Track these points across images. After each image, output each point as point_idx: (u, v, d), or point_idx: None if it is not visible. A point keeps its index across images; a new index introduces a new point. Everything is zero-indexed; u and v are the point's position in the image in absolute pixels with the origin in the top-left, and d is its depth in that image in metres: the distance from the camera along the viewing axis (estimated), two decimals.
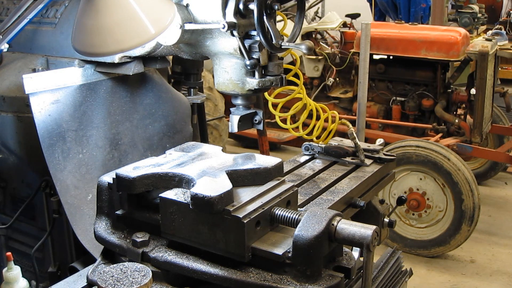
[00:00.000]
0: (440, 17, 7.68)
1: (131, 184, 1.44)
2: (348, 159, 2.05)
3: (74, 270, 2.04)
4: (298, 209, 1.51)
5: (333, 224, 1.30)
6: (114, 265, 1.28)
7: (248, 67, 1.55)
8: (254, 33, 1.55)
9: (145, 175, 1.46)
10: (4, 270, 1.97)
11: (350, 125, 2.09)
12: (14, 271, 1.96)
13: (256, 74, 1.57)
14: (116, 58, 2.00)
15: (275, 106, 2.17)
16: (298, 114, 2.20)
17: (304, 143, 2.16)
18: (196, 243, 1.38)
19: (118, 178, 1.47)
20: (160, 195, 1.41)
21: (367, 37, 3.40)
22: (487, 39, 5.27)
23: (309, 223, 1.28)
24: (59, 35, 2.16)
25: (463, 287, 4.12)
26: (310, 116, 2.22)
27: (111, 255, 1.56)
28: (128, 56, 2.02)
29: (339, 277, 1.30)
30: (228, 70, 1.61)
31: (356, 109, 3.89)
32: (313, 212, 1.31)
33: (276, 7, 1.51)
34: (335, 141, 2.18)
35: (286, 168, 1.99)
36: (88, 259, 2.02)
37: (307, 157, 2.12)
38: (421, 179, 4.45)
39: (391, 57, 5.56)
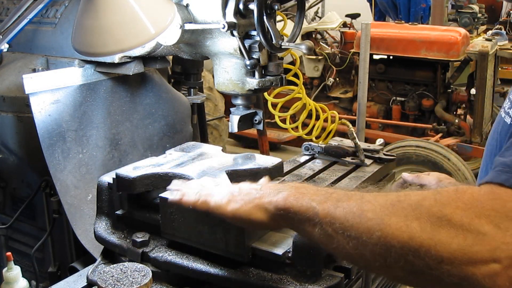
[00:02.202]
0: (440, 17, 7.68)
1: (131, 184, 1.44)
2: (348, 159, 2.05)
3: (74, 270, 2.04)
4: None
5: None
6: (114, 265, 1.27)
7: (248, 67, 1.55)
8: (254, 33, 1.55)
9: (145, 175, 1.46)
10: (4, 270, 1.97)
11: (350, 125, 2.09)
12: (14, 271, 1.96)
13: (256, 74, 1.57)
14: (116, 58, 2.00)
15: (274, 106, 2.16)
16: (298, 114, 2.20)
17: (304, 143, 2.15)
18: (196, 243, 1.38)
19: (118, 178, 1.47)
20: (160, 195, 1.40)
21: (367, 37, 3.40)
22: (487, 39, 5.27)
23: None
24: (59, 35, 2.16)
25: None
26: (310, 116, 2.22)
27: (111, 255, 1.56)
28: (128, 56, 2.01)
29: (339, 277, 1.30)
30: (228, 70, 1.61)
31: (356, 109, 3.89)
32: None
33: (276, 7, 1.51)
34: (335, 141, 2.18)
35: (286, 168, 1.99)
36: (88, 259, 2.02)
37: (307, 157, 2.11)
38: None
39: (391, 57, 5.57)
